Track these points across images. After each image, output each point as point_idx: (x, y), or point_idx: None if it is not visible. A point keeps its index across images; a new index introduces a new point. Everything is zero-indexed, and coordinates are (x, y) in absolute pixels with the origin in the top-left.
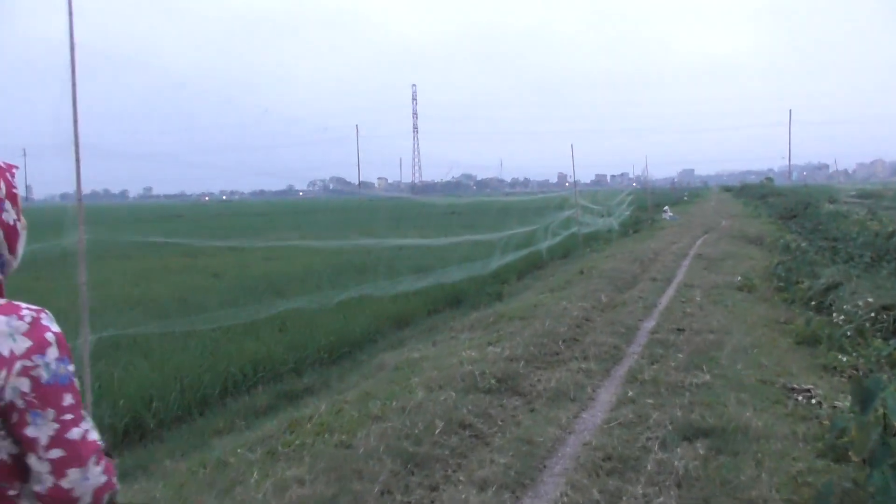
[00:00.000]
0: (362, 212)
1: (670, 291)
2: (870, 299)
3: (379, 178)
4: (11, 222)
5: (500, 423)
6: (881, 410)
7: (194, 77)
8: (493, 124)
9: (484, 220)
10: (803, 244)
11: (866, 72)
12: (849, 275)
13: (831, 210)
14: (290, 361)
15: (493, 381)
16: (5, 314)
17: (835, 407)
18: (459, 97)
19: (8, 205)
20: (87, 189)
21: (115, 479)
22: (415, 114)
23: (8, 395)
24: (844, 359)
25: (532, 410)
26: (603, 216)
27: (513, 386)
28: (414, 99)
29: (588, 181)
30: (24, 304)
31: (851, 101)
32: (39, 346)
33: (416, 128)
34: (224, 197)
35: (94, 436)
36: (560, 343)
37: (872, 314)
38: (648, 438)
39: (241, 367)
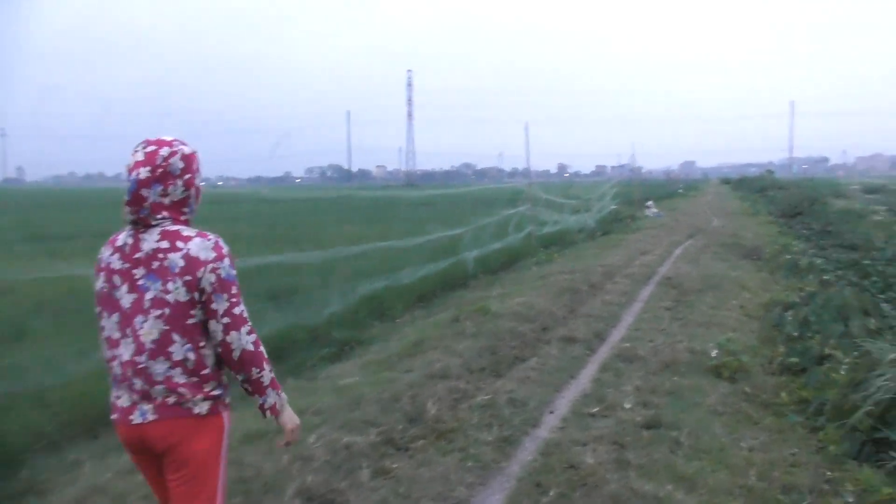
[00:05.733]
0: (327, 204)
1: (583, 379)
2: None
3: (377, 166)
4: (201, 185)
5: None
6: None
7: (190, 62)
8: (495, 112)
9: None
10: (818, 261)
11: (867, 64)
12: None
13: (842, 207)
14: None
15: None
16: (201, 237)
17: None
18: (460, 85)
19: (198, 175)
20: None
21: (266, 358)
22: (409, 101)
23: (203, 283)
24: None
25: None
26: (578, 212)
27: None
28: (409, 85)
29: (587, 172)
30: (207, 232)
31: (852, 94)
32: (220, 257)
33: (411, 115)
34: (220, 183)
35: (246, 314)
36: None
37: None
38: None
39: None
